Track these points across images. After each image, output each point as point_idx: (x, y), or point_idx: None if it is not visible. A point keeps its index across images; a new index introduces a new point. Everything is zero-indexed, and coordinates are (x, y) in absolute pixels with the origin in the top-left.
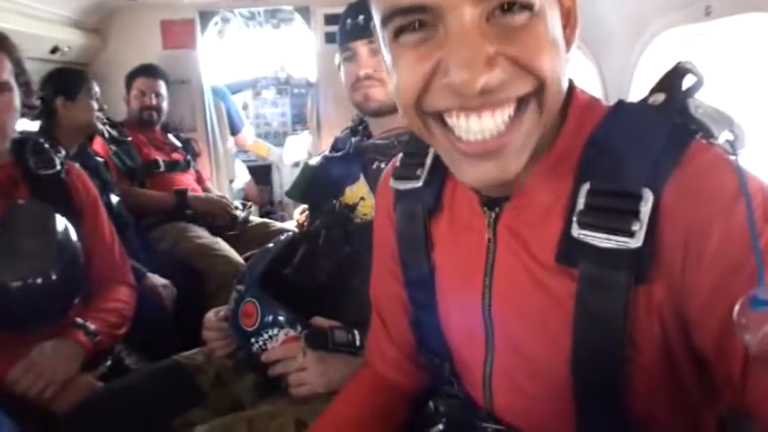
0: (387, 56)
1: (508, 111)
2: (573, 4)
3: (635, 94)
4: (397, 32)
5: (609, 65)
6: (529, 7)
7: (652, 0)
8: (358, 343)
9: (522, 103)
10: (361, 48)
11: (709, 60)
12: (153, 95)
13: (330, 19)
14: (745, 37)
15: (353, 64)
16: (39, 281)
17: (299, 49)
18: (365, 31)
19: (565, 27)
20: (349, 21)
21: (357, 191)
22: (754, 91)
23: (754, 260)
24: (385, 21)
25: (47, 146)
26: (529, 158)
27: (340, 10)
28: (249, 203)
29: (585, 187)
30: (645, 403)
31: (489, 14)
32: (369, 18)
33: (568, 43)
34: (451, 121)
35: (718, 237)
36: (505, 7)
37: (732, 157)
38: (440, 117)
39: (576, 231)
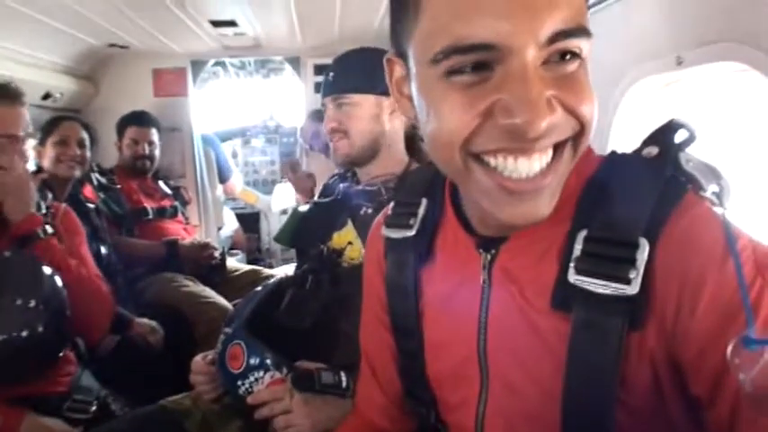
0: (426, 95)
1: (550, 153)
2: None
3: (613, 141)
4: (450, 72)
5: None
6: (579, 56)
7: (627, 50)
8: (344, 384)
9: (559, 146)
10: (330, 104)
11: (684, 107)
12: (146, 144)
13: (320, 69)
14: (716, 84)
15: (325, 119)
16: (24, 334)
17: (289, 99)
18: (331, 88)
19: None
20: (323, 78)
21: (345, 236)
22: (728, 136)
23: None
24: (438, 59)
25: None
26: None
27: (329, 61)
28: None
29: (582, 234)
30: None
31: (545, 60)
32: (336, 74)
33: None
34: (496, 161)
35: (711, 289)
36: (566, 57)
37: (720, 212)
38: (481, 157)
39: (573, 277)
